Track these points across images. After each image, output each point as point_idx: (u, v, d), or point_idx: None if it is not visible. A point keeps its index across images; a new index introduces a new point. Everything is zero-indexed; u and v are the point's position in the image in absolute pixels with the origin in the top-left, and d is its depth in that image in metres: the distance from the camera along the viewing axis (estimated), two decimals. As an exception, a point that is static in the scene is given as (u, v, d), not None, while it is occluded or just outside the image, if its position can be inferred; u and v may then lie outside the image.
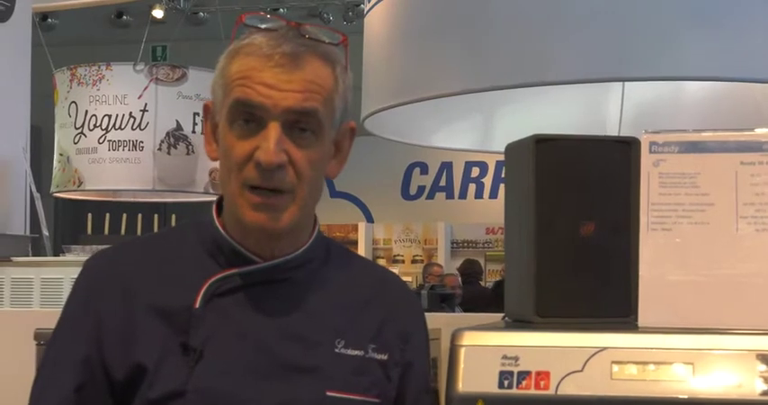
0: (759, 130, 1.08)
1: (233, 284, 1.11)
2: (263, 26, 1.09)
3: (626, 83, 1.75)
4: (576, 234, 1.18)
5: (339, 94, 1.11)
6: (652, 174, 1.10)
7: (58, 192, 4.88)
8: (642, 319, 1.11)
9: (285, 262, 1.14)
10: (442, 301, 6.14)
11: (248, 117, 1.06)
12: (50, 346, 1.16)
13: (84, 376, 1.09)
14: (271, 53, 1.05)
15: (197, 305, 1.08)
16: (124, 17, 8.11)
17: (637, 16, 1.39)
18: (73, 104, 4.58)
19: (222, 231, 1.14)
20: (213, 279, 1.11)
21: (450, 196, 9.34)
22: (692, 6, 1.41)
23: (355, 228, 9.32)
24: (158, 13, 7.21)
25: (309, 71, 1.07)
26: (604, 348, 1.06)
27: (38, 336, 1.19)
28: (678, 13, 1.38)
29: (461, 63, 1.56)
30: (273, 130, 1.04)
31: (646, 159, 1.11)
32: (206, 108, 1.16)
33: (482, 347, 1.09)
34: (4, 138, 3.37)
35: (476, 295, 7.03)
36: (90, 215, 4.14)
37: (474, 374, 1.07)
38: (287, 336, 1.12)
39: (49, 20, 7.14)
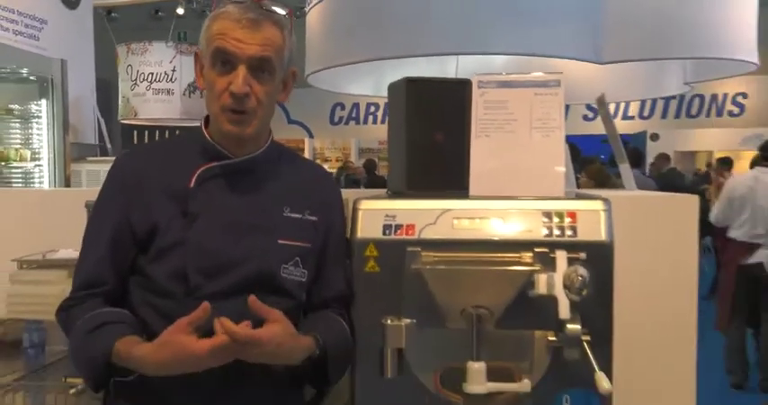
0: (546, 74, 1.41)
1: (216, 172, 1.36)
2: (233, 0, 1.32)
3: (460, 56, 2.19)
4: (432, 140, 1.49)
5: (286, 48, 1.35)
6: (479, 101, 1.42)
7: (123, 119, 6.80)
8: (472, 191, 1.42)
9: (250, 158, 1.39)
10: (354, 183, 9.29)
11: (224, 61, 1.30)
12: (93, 212, 1.40)
13: (116, 232, 1.34)
14: (239, 18, 1.29)
15: (192, 185, 1.33)
16: (159, 13, 11.87)
17: (471, 11, 1.73)
18: (129, 66, 6.49)
19: (208, 138, 1.39)
20: (203, 168, 1.35)
21: (357, 123, 12.72)
22: (503, 8, 1.76)
23: (303, 141, 13.51)
24: (180, 11, 9.83)
25: (266, 32, 1.30)
26: (449, 209, 1.35)
27: (87, 205, 1.44)
28: (496, 9, 1.73)
29: (362, 42, 1.92)
30: (242, 71, 1.29)
31: (475, 92, 1.42)
32: (196, 55, 1.39)
33: (373, 210, 1.37)
34: (79, 84, 4.40)
35: (374, 180, 9.98)
36: (135, 132, 5.84)
37: (367, 227, 1.36)
38: (252, 206, 1.36)
39: (113, 14, 10.54)
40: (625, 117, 11.48)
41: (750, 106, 11.79)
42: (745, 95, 11.79)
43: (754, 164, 5.03)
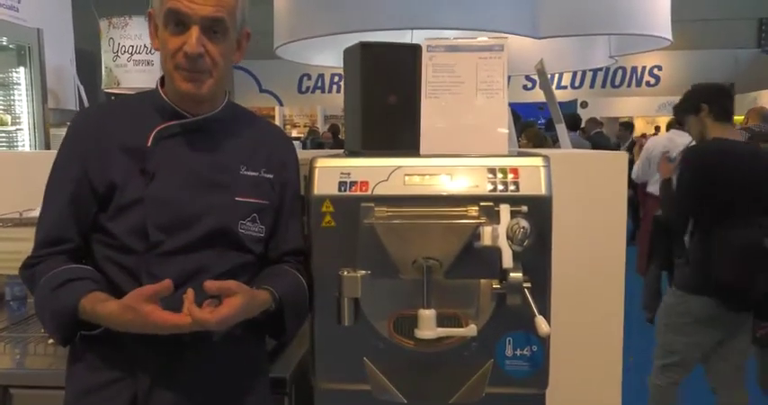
0: (489, 39, 1.35)
1: (173, 131, 1.25)
2: None
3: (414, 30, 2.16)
4: (385, 102, 1.41)
5: (239, 9, 1.23)
6: (428, 64, 1.34)
7: (106, 89, 6.50)
8: (422, 150, 1.36)
9: (207, 117, 1.28)
10: (318, 146, 8.96)
11: (177, 21, 1.18)
12: (53, 170, 1.27)
13: (75, 189, 1.22)
14: None
15: (149, 144, 1.22)
16: None
17: None
18: (111, 39, 6.18)
19: (164, 97, 1.27)
20: (160, 127, 1.24)
21: (323, 92, 12.48)
22: None
23: (273, 109, 13.14)
24: None
25: None
26: (400, 166, 1.28)
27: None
28: None
29: (325, 17, 1.88)
30: (195, 31, 1.17)
31: (425, 56, 1.35)
32: (150, 14, 1.25)
33: (329, 168, 1.29)
34: (58, 53, 4.22)
35: (339, 143, 9.31)
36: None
37: (323, 184, 1.27)
38: (209, 164, 1.26)
39: None
40: (558, 87, 11.54)
41: (665, 77, 11.98)
42: (660, 68, 11.97)
43: (669, 127, 5.08)
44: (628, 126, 8.61)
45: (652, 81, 12.07)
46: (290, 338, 1.35)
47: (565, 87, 11.68)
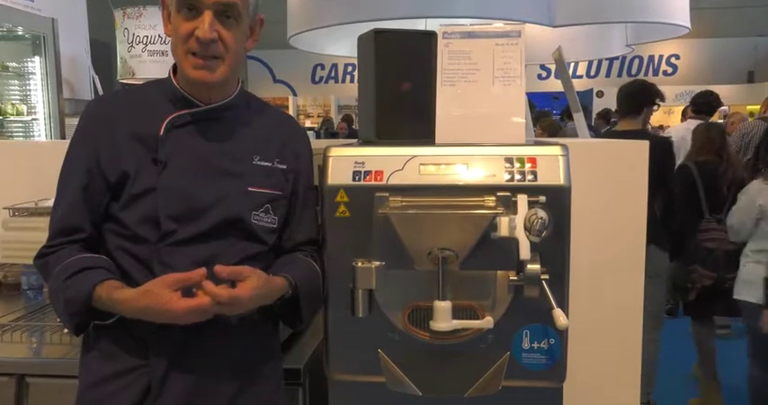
0: (505, 25, 1.31)
1: (185, 120, 1.24)
2: None
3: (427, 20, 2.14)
4: (400, 89, 1.37)
5: None
6: (444, 51, 1.31)
7: (121, 79, 6.50)
8: (438, 139, 1.33)
9: (219, 105, 1.26)
10: (331, 135, 8.93)
11: (190, 6, 1.16)
12: (66, 160, 1.26)
13: (88, 179, 1.21)
14: None
15: (161, 133, 1.21)
16: None
17: None
18: (126, 30, 6.14)
19: (177, 85, 1.25)
20: (172, 116, 1.22)
21: (336, 81, 12.73)
22: None
23: (287, 99, 12.85)
24: None
25: None
26: (416, 156, 1.25)
27: None
28: None
29: (338, 6, 1.87)
30: (207, 16, 1.15)
31: (440, 43, 1.31)
32: (162, 1, 1.24)
33: (343, 157, 1.26)
34: (73, 43, 4.29)
35: (352, 133, 9.11)
36: None
37: (337, 174, 1.24)
38: (222, 153, 1.24)
39: None
40: (574, 76, 11.43)
41: (682, 66, 11.82)
42: (678, 57, 11.81)
43: (683, 115, 5.02)
44: (605, 116, 8.29)
45: (669, 70, 11.91)
46: (305, 326, 1.33)
47: (580, 77, 11.56)
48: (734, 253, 3.04)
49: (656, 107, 3.36)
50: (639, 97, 3.32)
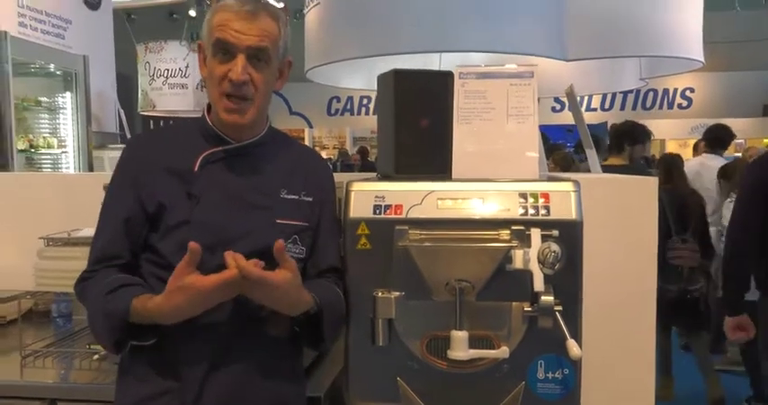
0: (519, 67, 1.37)
1: (218, 157, 1.31)
2: None
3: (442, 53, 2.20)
4: (418, 127, 1.43)
5: (281, 38, 1.29)
6: (460, 91, 1.38)
7: (142, 111, 6.85)
8: (455, 174, 1.38)
9: (249, 143, 1.34)
10: (348, 168, 9.18)
11: (224, 50, 1.25)
12: (108, 192, 1.34)
13: (129, 210, 1.28)
14: (238, 10, 1.24)
15: (196, 169, 1.28)
16: (174, 15, 11.70)
17: (448, 12, 1.74)
18: (147, 63, 6.51)
19: (210, 124, 1.34)
20: (206, 153, 1.30)
21: (351, 114, 12.92)
22: (478, 10, 1.76)
23: (303, 131, 13.24)
24: (193, 13, 9.88)
25: (263, 23, 1.25)
26: (434, 191, 1.30)
27: (105, 186, 1.37)
28: (470, 15, 1.73)
29: (354, 40, 1.93)
30: (240, 60, 1.24)
31: (457, 83, 1.39)
32: (199, 45, 1.32)
33: (364, 191, 1.32)
34: (100, 78, 4.34)
35: (367, 165, 9.76)
36: (151, 122, 6.08)
37: (359, 207, 1.30)
38: (251, 187, 1.31)
39: (132, 16, 10.26)
40: (588, 109, 11.47)
41: (697, 99, 11.83)
42: (692, 90, 11.83)
43: (695, 148, 5.07)
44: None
45: (684, 103, 11.92)
46: (327, 349, 1.37)
47: (594, 109, 11.60)
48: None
49: (641, 145, 3.86)
50: (622, 137, 3.83)
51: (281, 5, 1.48)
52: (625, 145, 3.78)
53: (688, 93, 11.83)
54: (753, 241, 2.53)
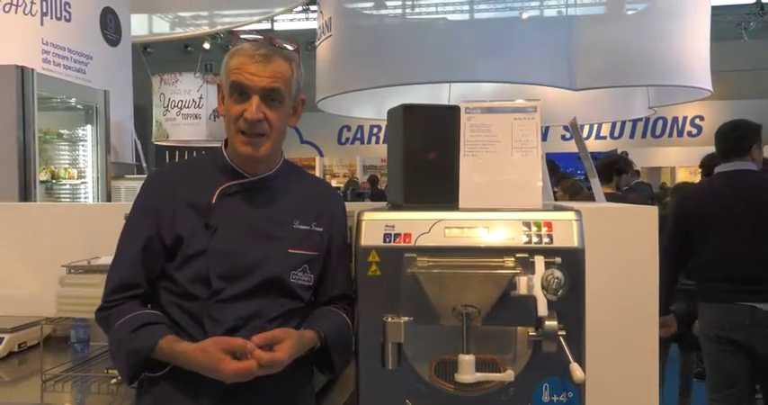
0: (523, 101, 1.42)
1: (234, 190, 1.37)
2: (249, 38, 1.35)
3: (451, 84, 2.24)
4: (426, 159, 1.49)
5: (294, 79, 1.36)
6: (466, 125, 1.43)
7: (156, 141, 7.02)
8: (461, 204, 1.42)
9: (264, 177, 1.40)
10: (358, 196, 9.26)
11: (240, 91, 1.32)
12: (127, 222, 1.40)
13: (147, 241, 1.34)
14: (253, 54, 1.31)
15: (213, 201, 1.34)
16: (188, 48, 12.14)
17: (459, 45, 1.78)
18: (162, 95, 6.69)
19: (227, 158, 1.40)
20: (223, 186, 1.36)
21: (362, 142, 12.93)
22: (487, 41, 1.82)
23: (314, 159, 13.64)
24: (207, 46, 10.39)
25: (276, 65, 1.32)
26: (441, 220, 1.34)
27: (126, 217, 1.42)
28: (479, 46, 1.78)
29: (365, 72, 1.99)
30: (255, 100, 1.31)
31: (463, 117, 1.43)
32: (218, 85, 1.40)
33: (374, 220, 1.36)
34: (119, 110, 4.42)
35: (377, 193, 10.11)
36: (167, 153, 6.16)
37: (370, 236, 1.34)
38: (265, 218, 1.37)
39: (148, 49, 10.86)
40: (598, 137, 11.51)
41: (707, 127, 11.85)
42: (702, 118, 11.85)
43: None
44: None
45: (694, 131, 11.94)
46: (338, 372, 1.42)
47: (604, 138, 11.64)
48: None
49: (626, 174, 4.24)
50: (609, 168, 4.17)
51: (294, 47, 1.54)
52: (613, 175, 4.12)
53: (697, 121, 11.86)
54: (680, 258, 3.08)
